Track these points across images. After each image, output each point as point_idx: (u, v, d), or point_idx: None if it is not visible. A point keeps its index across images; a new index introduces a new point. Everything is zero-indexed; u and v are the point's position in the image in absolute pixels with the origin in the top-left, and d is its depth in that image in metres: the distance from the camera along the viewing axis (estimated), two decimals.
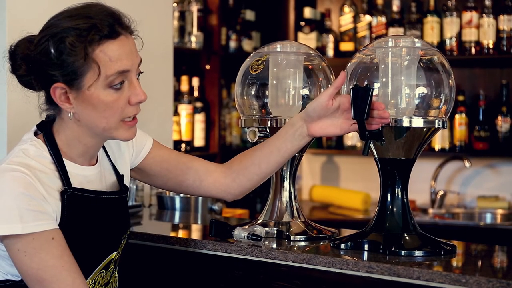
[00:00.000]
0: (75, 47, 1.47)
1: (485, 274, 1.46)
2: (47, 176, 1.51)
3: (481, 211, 3.83)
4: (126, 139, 1.59)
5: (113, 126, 1.55)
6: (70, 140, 1.58)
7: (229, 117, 4.17)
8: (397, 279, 1.54)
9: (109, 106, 1.51)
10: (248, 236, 1.78)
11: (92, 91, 1.49)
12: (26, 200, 1.44)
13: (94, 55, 1.47)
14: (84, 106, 1.52)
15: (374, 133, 1.67)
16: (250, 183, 1.82)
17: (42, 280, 1.45)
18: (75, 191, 1.54)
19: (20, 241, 1.44)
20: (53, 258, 1.46)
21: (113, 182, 1.70)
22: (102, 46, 1.48)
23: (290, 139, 1.74)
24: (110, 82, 1.50)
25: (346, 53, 4.17)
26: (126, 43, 1.52)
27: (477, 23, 3.86)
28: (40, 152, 1.53)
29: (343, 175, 4.39)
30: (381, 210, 1.75)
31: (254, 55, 1.97)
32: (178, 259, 1.92)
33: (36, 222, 1.45)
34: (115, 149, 1.75)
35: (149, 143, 1.81)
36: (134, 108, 1.56)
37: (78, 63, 1.47)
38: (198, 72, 3.98)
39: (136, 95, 1.54)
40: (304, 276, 1.69)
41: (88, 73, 1.48)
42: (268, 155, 1.77)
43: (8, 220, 1.43)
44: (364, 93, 1.62)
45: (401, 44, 1.76)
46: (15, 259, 1.47)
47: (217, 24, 3.98)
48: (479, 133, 3.90)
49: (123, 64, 1.50)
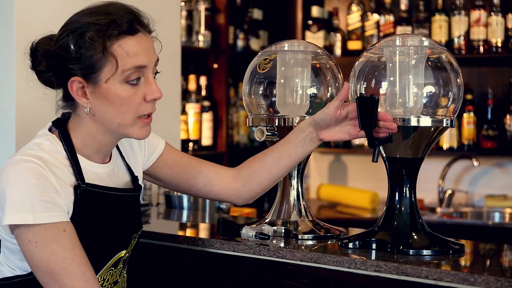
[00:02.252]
0: (94, 41, 1.50)
1: (493, 273, 1.45)
2: (60, 170, 1.52)
3: (490, 210, 3.82)
4: (140, 137, 1.60)
5: (128, 123, 1.56)
6: (85, 137, 1.59)
7: (236, 116, 4.17)
8: (405, 278, 1.54)
9: (125, 102, 1.53)
10: (255, 235, 1.78)
11: (109, 85, 1.51)
12: (39, 191, 1.45)
13: (112, 50, 1.50)
14: (100, 101, 1.53)
15: (382, 140, 1.66)
16: (261, 187, 1.83)
17: (52, 272, 1.46)
18: (88, 186, 1.55)
19: (32, 231, 1.45)
20: (64, 250, 1.46)
21: (126, 181, 1.71)
22: (120, 41, 1.51)
23: (301, 144, 1.75)
24: (126, 77, 1.52)
25: (353, 52, 4.17)
26: (144, 40, 1.55)
27: (486, 21, 3.84)
28: (55, 147, 1.55)
29: (350, 174, 4.38)
30: (389, 209, 1.75)
31: (262, 54, 1.96)
32: (185, 258, 1.92)
33: (47, 213, 1.46)
34: (128, 150, 1.76)
35: (161, 146, 1.82)
36: (149, 105, 1.57)
37: (96, 56, 1.50)
38: (205, 71, 3.98)
39: (151, 92, 1.56)
40: (312, 275, 1.69)
41: (106, 67, 1.50)
42: (278, 160, 1.78)
43: (20, 210, 1.44)
44: (369, 103, 1.61)
45: (409, 43, 1.76)
46: (25, 250, 1.47)
47: (224, 23, 3.98)
48: (488, 132, 3.89)
49: (140, 59, 1.53)
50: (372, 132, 1.64)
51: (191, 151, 3.75)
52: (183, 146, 3.58)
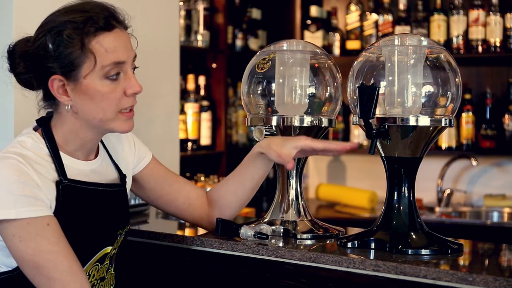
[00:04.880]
0: (72, 39, 1.52)
1: (492, 273, 1.45)
2: (42, 167, 1.54)
3: (488, 210, 3.82)
4: (124, 130, 1.63)
5: (110, 117, 1.58)
6: (67, 134, 1.61)
7: (235, 115, 4.17)
8: (404, 277, 1.54)
9: (106, 97, 1.56)
10: (254, 235, 1.79)
11: (88, 81, 1.54)
12: (20, 186, 1.47)
13: (91, 46, 1.53)
14: (81, 97, 1.56)
15: (381, 131, 1.67)
16: (230, 210, 1.88)
17: (38, 266, 1.47)
18: (70, 182, 1.57)
19: (15, 226, 1.47)
20: (49, 244, 1.48)
21: (113, 178, 1.73)
22: (98, 37, 1.53)
23: (260, 167, 1.83)
24: (106, 73, 1.54)
25: (352, 51, 4.17)
26: (121, 36, 1.58)
27: (484, 21, 3.85)
28: (37, 145, 1.57)
29: (349, 173, 4.38)
30: (387, 208, 1.75)
31: (261, 53, 1.97)
32: (184, 257, 1.92)
33: (30, 207, 1.47)
34: (119, 150, 1.79)
35: (148, 156, 1.87)
36: (130, 99, 1.60)
37: (75, 54, 1.52)
38: (204, 70, 3.98)
39: (131, 87, 1.58)
40: (311, 275, 1.69)
41: (85, 64, 1.53)
42: (243, 183, 1.85)
43: (2, 206, 1.46)
44: (370, 91, 1.62)
45: (408, 42, 1.76)
46: (10, 245, 1.49)
47: (223, 23, 3.98)
48: (486, 131, 3.89)
49: (119, 55, 1.55)
50: (370, 122, 1.64)
51: (190, 150, 3.75)
52: (182, 145, 3.58)
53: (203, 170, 3.77)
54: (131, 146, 1.82)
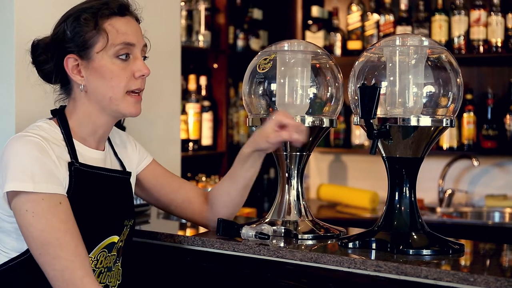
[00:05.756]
0: (88, 21, 1.65)
1: (493, 273, 1.45)
2: (58, 147, 1.62)
3: (489, 210, 3.82)
4: (132, 113, 1.70)
5: (119, 97, 1.67)
6: (81, 117, 1.70)
7: (236, 116, 4.17)
8: (405, 278, 1.54)
9: (116, 75, 1.65)
10: (255, 235, 1.79)
11: (100, 60, 1.65)
12: (40, 162, 1.54)
13: (104, 27, 1.65)
14: (93, 75, 1.66)
15: (382, 132, 1.67)
16: (227, 209, 1.90)
17: (46, 243, 1.51)
18: (81, 166, 1.64)
19: (30, 200, 1.52)
20: (59, 222, 1.52)
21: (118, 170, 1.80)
22: (111, 20, 1.66)
23: (251, 165, 1.84)
24: (116, 52, 1.65)
25: (353, 51, 4.17)
26: (132, 23, 1.70)
27: (485, 21, 3.84)
28: (52, 130, 1.66)
29: (350, 173, 4.38)
30: (389, 209, 1.75)
31: (262, 53, 1.97)
32: (185, 257, 1.92)
33: (47, 184, 1.54)
34: (121, 148, 1.86)
35: (149, 158, 1.94)
36: (138, 81, 1.69)
37: (90, 34, 1.64)
38: (205, 71, 3.98)
39: (139, 69, 1.68)
40: (312, 275, 1.69)
41: (98, 43, 1.64)
42: (235, 183, 1.87)
43: (21, 179, 1.52)
44: (371, 91, 1.62)
45: (409, 42, 1.76)
46: (22, 220, 1.53)
47: (224, 23, 3.98)
48: (487, 131, 3.89)
49: (129, 37, 1.67)
50: (371, 122, 1.65)
51: (191, 151, 3.75)
52: (183, 146, 3.58)
53: (204, 170, 3.77)
54: (133, 147, 1.90)
